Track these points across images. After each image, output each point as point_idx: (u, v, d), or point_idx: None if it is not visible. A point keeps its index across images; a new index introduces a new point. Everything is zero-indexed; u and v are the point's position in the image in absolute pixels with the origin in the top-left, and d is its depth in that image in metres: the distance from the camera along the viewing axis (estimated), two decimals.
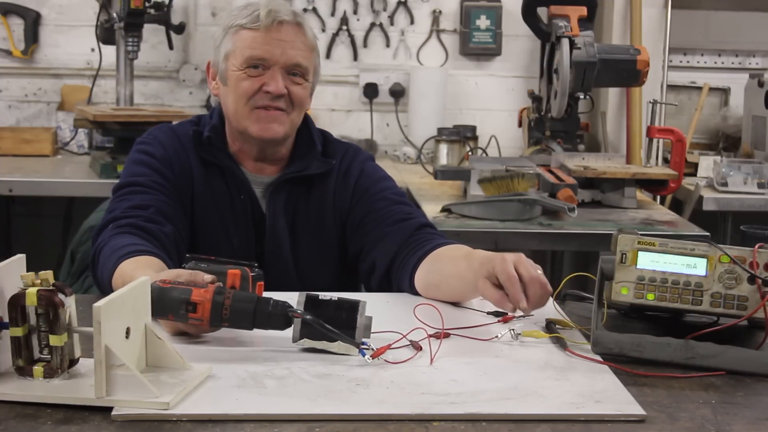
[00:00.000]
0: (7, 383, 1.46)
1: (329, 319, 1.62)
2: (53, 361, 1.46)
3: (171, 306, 1.62)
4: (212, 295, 1.62)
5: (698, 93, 4.49)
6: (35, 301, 1.43)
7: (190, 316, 1.62)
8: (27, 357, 1.47)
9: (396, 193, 2.25)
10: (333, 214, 2.22)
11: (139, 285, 1.51)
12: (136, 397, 1.40)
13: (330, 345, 1.63)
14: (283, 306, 1.63)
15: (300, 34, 2.13)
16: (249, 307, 1.63)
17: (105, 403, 1.39)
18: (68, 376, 1.48)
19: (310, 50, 2.15)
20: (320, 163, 2.22)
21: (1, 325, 1.47)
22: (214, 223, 2.17)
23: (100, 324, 1.38)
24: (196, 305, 1.62)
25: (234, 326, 1.64)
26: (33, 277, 1.46)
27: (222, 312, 1.62)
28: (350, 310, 1.65)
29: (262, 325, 1.64)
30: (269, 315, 1.63)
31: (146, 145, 2.20)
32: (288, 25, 2.12)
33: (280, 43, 2.11)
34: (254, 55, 2.11)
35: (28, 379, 1.46)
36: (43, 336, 1.45)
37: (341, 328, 1.62)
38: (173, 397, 1.40)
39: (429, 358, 1.62)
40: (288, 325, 1.64)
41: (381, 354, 1.61)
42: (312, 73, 2.17)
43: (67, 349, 1.46)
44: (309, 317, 1.61)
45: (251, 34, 2.11)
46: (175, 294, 1.62)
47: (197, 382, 1.49)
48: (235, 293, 1.64)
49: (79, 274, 2.48)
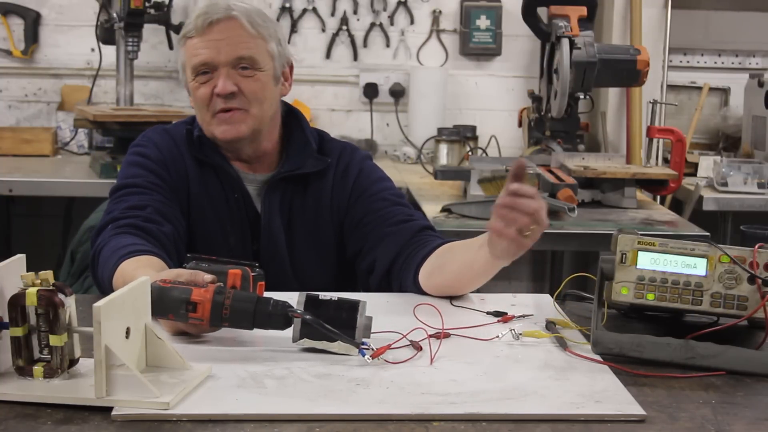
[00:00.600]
0: (7, 383, 1.46)
1: (329, 319, 1.62)
2: (53, 361, 1.46)
3: (171, 306, 1.62)
4: (212, 294, 1.62)
5: (698, 93, 4.49)
6: (35, 301, 1.43)
7: (191, 316, 1.62)
8: (27, 357, 1.47)
9: (395, 194, 2.25)
10: (330, 213, 2.22)
11: (139, 285, 1.51)
12: (136, 397, 1.40)
13: (330, 345, 1.63)
14: (283, 306, 1.63)
15: (236, 27, 2.11)
16: (249, 306, 1.63)
17: (105, 403, 1.39)
18: (68, 376, 1.48)
19: (252, 38, 2.11)
20: (315, 161, 2.21)
21: (1, 325, 1.47)
22: (211, 223, 2.17)
23: (100, 324, 1.38)
24: (196, 305, 1.62)
25: (234, 326, 1.64)
26: (33, 277, 1.46)
27: (222, 312, 1.62)
28: (350, 310, 1.65)
29: (262, 325, 1.64)
30: (269, 315, 1.63)
31: (141, 148, 2.20)
32: (221, 23, 2.10)
33: (216, 42, 2.10)
34: (197, 62, 2.11)
35: (28, 379, 1.46)
36: (43, 336, 1.45)
37: (341, 328, 1.62)
38: (173, 397, 1.40)
39: (429, 358, 1.62)
40: (288, 325, 1.64)
41: (381, 354, 1.61)
42: (266, 60, 2.13)
43: (67, 349, 1.46)
44: (309, 317, 1.61)
45: (192, 42, 2.12)
46: (175, 294, 1.62)
47: (197, 382, 1.49)
48: (236, 293, 1.64)
49: (79, 274, 2.48)
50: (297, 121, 2.25)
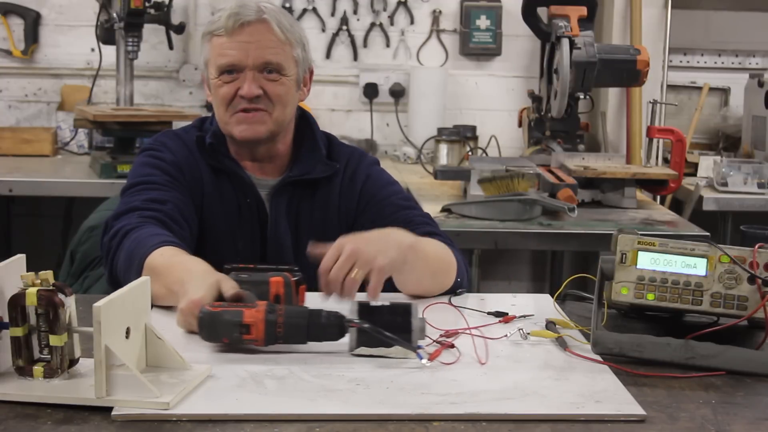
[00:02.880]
0: (7, 383, 1.46)
1: (385, 324, 1.62)
2: (53, 361, 1.46)
3: (224, 330, 1.63)
4: (264, 314, 1.62)
5: (698, 93, 4.49)
6: (35, 301, 1.43)
7: (245, 338, 1.63)
8: (27, 357, 1.47)
9: (403, 198, 2.25)
10: (339, 218, 2.22)
11: (139, 285, 1.51)
12: (136, 397, 1.40)
13: (388, 351, 1.62)
14: (337, 316, 1.63)
15: (266, 31, 2.10)
16: (302, 321, 1.63)
17: (105, 403, 1.39)
18: (68, 376, 1.48)
19: (281, 44, 2.12)
20: (324, 166, 2.21)
21: (1, 325, 1.47)
22: (220, 226, 2.17)
23: (100, 324, 1.38)
24: (250, 327, 1.62)
25: (289, 342, 1.64)
26: (33, 277, 1.46)
27: (276, 330, 1.62)
28: (404, 314, 1.64)
29: (317, 338, 1.64)
30: (323, 327, 1.63)
31: (155, 150, 2.19)
32: (252, 25, 2.09)
33: (246, 45, 2.09)
34: (223, 62, 2.10)
35: (28, 379, 1.46)
36: (43, 336, 1.45)
37: (397, 332, 1.61)
38: (173, 397, 1.40)
39: (475, 359, 1.63)
40: (342, 335, 1.63)
41: (437, 356, 1.61)
42: (291, 66, 2.14)
43: (67, 349, 1.46)
44: (367, 326, 1.61)
45: (219, 41, 2.10)
46: (227, 317, 1.63)
47: (197, 382, 1.49)
48: (287, 309, 1.64)
49: (78, 274, 2.48)
50: (309, 125, 2.25)
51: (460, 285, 2.07)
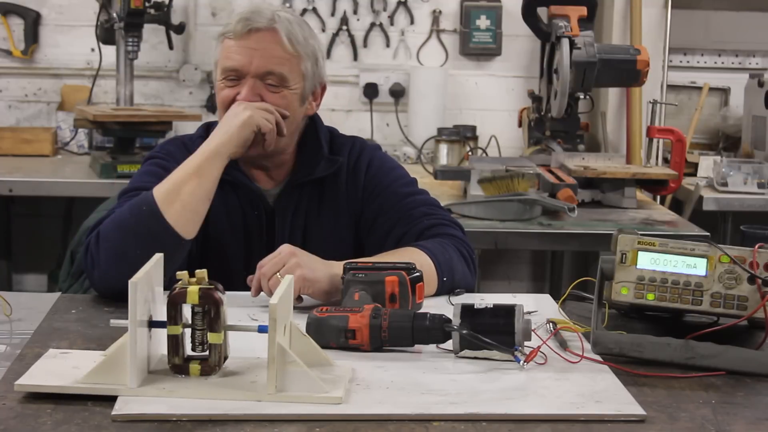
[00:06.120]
0: (167, 382, 1.46)
1: (487, 327, 1.62)
2: (211, 358, 1.47)
3: (330, 335, 1.66)
4: (369, 319, 1.65)
5: (698, 93, 4.49)
6: (196, 300, 1.44)
7: (351, 343, 1.65)
8: (183, 355, 1.48)
9: (405, 183, 2.25)
10: (348, 212, 2.21)
11: (287, 285, 1.52)
12: (307, 392, 1.42)
13: (491, 353, 1.62)
14: (440, 320, 1.65)
15: (274, 41, 2.07)
16: (407, 325, 1.65)
17: (276, 399, 1.41)
18: (222, 373, 1.49)
19: (288, 56, 2.08)
20: (327, 163, 2.20)
21: (157, 323, 1.47)
22: (227, 234, 2.15)
23: (275, 321, 1.41)
24: (355, 332, 1.65)
25: (394, 345, 1.66)
26: (188, 276, 1.47)
27: (381, 335, 1.65)
28: (507, 315, 1.64)
29: (422, 341, 1.66)
30: (428, 330, 1.65)
31: (160, 160, 2.16)
32: (261, 33, 2.07)
33: (252, 51, 2.06)
34: (227, 65, 2.08)
35: (184, 377, 1.47)
36: (199, 334, 1.46)
37: (500, 334, 1.61)
38: (343, 392, 1.43)
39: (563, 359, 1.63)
40: (447, 338, 1.65)
41: (533, 358, 1.61)
42: (296, 79, 2.10)
43: (223, 347, 1.48)
44: (465, 332, 1.61)
45: (228, 44, 2.09)
46: (333, 323, 1.66)
47: (349, 378, 1.50)
48: (391, 313, 1.66)
49: (78, 274, 2.47)
50: (312, 125, 2.23)
51: (452, 285, 2.04)
